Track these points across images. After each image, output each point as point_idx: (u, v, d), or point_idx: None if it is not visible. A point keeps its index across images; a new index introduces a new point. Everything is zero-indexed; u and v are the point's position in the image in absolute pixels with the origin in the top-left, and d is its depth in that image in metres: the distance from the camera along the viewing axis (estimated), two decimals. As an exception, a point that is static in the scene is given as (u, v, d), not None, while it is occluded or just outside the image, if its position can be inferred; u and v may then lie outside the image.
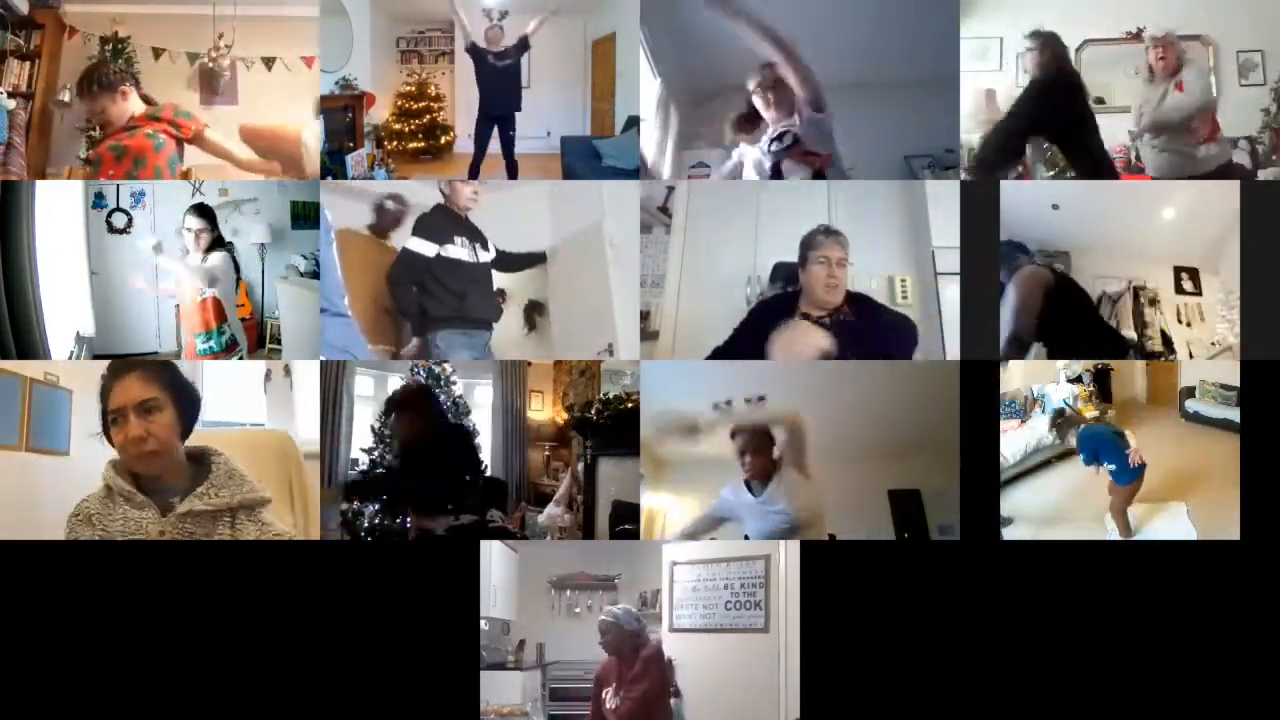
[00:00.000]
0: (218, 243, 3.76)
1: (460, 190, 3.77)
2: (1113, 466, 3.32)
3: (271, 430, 3.79)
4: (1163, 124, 3.53)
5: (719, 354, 3.04)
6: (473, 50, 4.43)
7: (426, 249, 3.68)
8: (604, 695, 3.16)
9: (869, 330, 2.99)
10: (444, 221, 3.75)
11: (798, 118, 3.30)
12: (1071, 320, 3.55)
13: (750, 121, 3.42)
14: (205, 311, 3.73)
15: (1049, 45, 3.48)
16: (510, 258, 4.10)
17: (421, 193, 3.93)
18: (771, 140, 3.34)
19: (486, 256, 3.85)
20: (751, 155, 3.42)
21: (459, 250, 3.73)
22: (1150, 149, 3.62)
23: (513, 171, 4.27)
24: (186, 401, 2.33)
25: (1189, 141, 3.51)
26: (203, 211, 3.67)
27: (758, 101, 3.38)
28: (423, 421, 3.47)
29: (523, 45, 4.42)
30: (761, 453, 3.15)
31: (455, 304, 3.68)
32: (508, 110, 4.34)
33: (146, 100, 3.33)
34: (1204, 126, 3.51)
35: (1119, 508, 3.30)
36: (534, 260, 4.24)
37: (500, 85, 4.38)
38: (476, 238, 3.81)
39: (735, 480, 3.24)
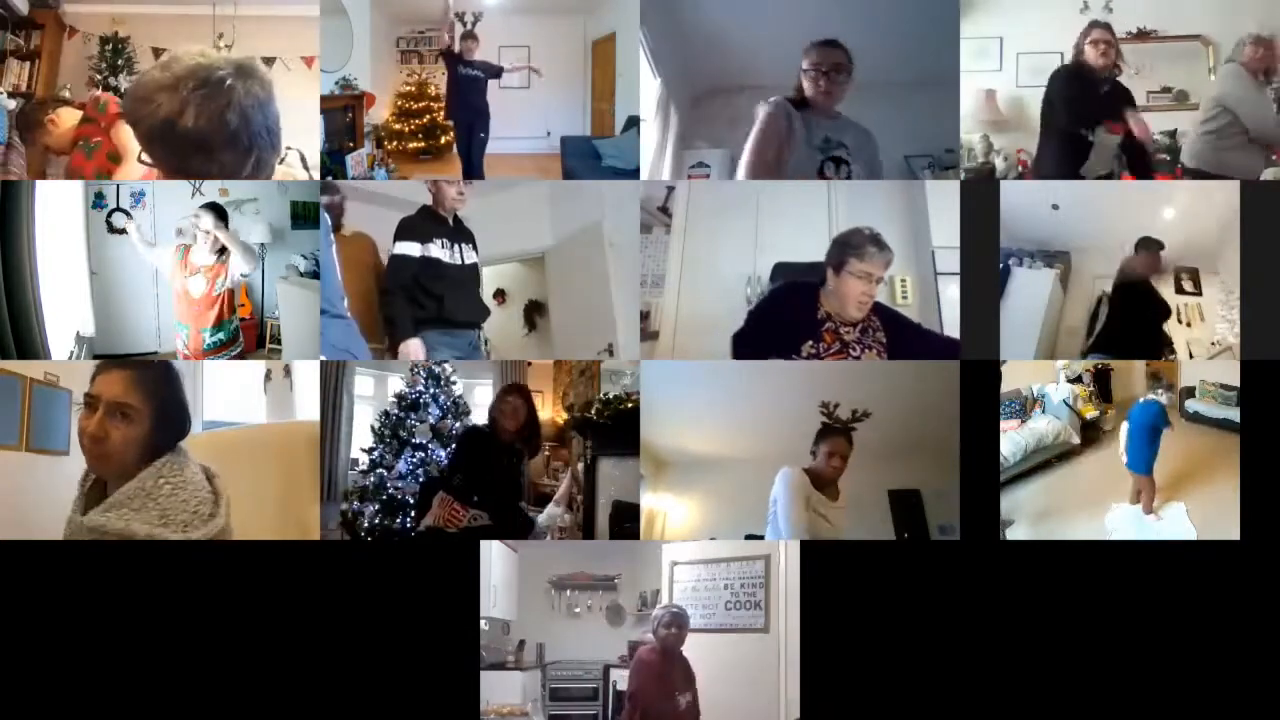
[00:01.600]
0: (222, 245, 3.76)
1: (445, 191, 3.69)
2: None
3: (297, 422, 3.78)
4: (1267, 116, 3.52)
5: (736, 343, 2.91)
6: (448, 54, 4.43)
7: (412, 249, 3.62)
8: (678, 697, 3.06)
9: (915, 350, 2.95)
10: (426, 223, 3.67)
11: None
12: (1137, 323, 3.65)
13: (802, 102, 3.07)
14: (220, 305, 3.71)
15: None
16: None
17: (398, 187, 3.91)
18: (828, 159, 3.05)
19: (474, 257, 3.79)
20: (799, 135, 3.05)
21: (439, 251, 3.66)
22: (1221, 140, 3.58)
23: (477, 173, 4.24)
24: (167, 422, 2.10)
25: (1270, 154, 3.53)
26: (218, 213, 3.67)
27: (806, 82, 3.04)
28: (526, 412, 3.40)
29: (494, 71, 4.40)
30: (846, 460, 3.04)
31: (434, 306, 3.63)
32: (470, 119, 4.32)
33: (81, 107, 3.37)
34: None
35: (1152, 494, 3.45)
36: None
37: (467, 95, 4.36)
38: (461, 238, 3.73)
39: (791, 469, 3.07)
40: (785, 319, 2.89)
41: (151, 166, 1.90)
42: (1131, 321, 3.66)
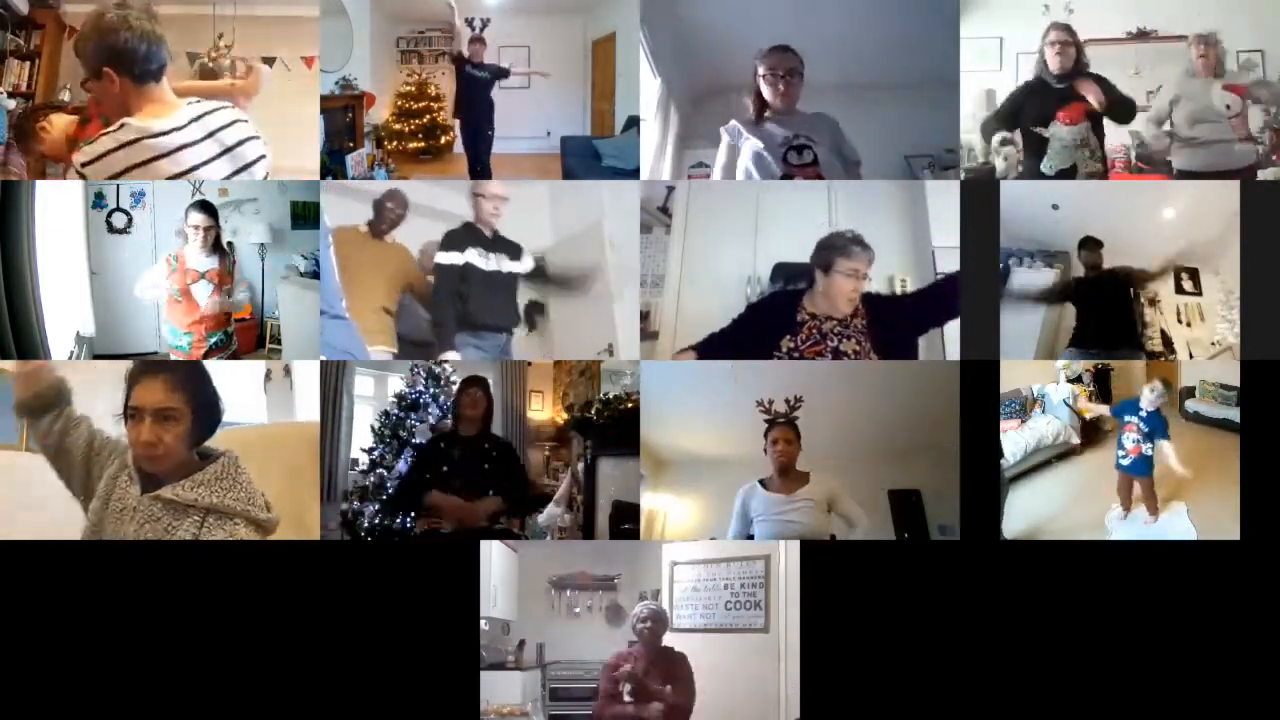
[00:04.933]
0: (217, 241, 3.75)
1: (483, 207, 3.78)
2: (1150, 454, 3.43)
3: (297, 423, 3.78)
4: (1209, 113, 3.54)
5: (713, 340, 3.02)
6: (457, 58, 4.46)
7: (453, 259, 3.70)
8: (621, 688, 3.14)
9: (905, 315, 3.02)
10: (466, 235, 3.76)
11: (838, 160, 3.29)
12: (1105, 314, 3.67)
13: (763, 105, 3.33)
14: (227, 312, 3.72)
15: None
16: (559, 277, 4.07)
17: (421, 192, 3.92)
18: (790, 149, 3.26)
19: (513, 267, 3.85)
20: (753, 147, 3.31)
21: (475, 258, 3.73)
22: (1184, 142, 3.61)
23: (485, 173, 4.25)
24: (206, 413, 2.31)
25: (1229, 135, 3.53)
26: (206, 208, 3.67)
27: (765, 87, 3.28)
28: (486, 402, 3.49)
29: (500, 72, 4.42)
30: (793, 444, 3.15)
31: (463, 310, 3.68)
32: (477, 124, 4.34)
33: (76, 111, 3.37)
34: (1242, 127, 3.53)
35: (1152, 494, 3.43)
36: (584, 281, 4.13)
37: (474, 97, 4.37)
38: (501, 249, 3.79)
39: (747, 483, 3.23)
40: (764, 324, 2.99)
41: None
42: (1097, 309, 3.68)
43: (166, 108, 2.59)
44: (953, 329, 3.25)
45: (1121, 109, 3.51)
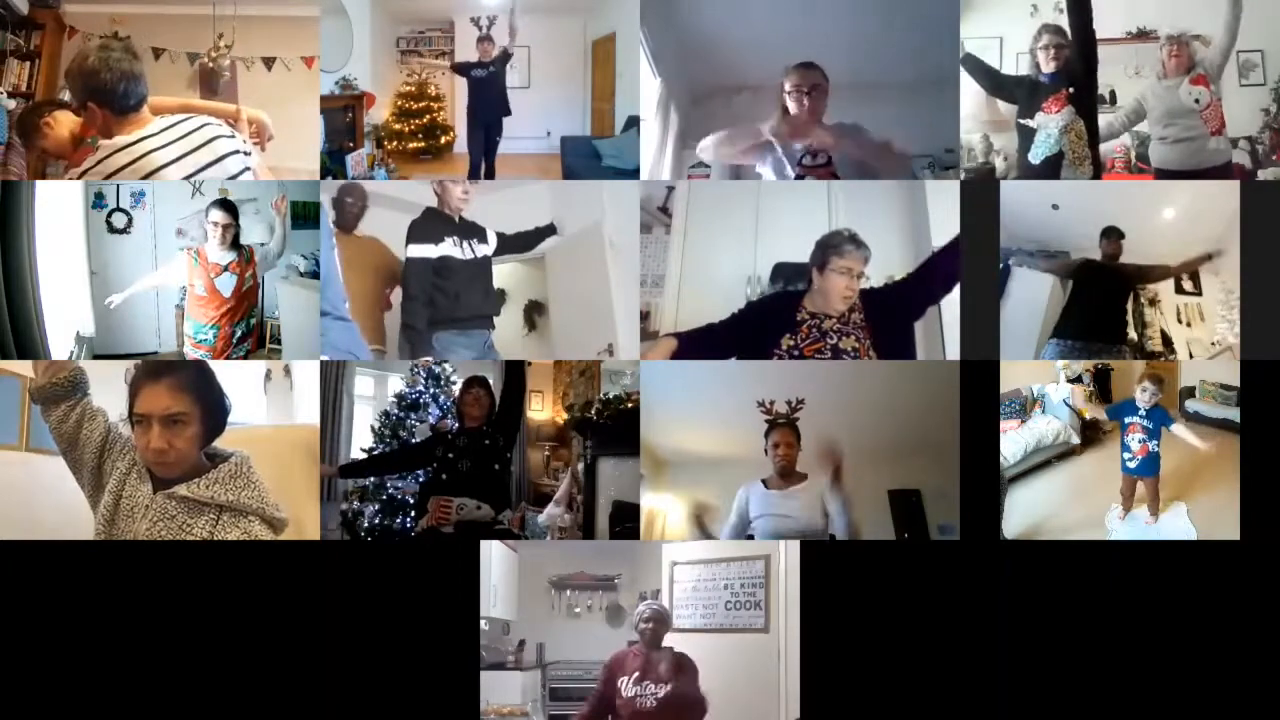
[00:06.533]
0: (236, 239, 3.77)
1: (451, 191, 3.76)
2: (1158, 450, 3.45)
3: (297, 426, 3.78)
4: (1177, 111, 3.53)
5: (710, 331, 3.02)
6: (459, 68, 4.46)
7: (427, 251, 3.68)
8: (620, 682, 3.13)
9: (901, 299, 3.00)
10: (436, 224, 3.74)
11: (857, 148, 3.30)
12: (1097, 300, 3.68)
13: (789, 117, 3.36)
14: (250, 297, 3.75)
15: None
16: (517, 239, 4.06)
17: (415, 191, 3.92)
18: (805, 154, 3.31)
19: (485, 250, 3.84)
20: (773, 154, 3.37)
21: (452, 249, 3.72)
22: (1159, 142, 3.61)
23: (490, 173, 4.25)
24: (213, 413, 2.26)
25: (1200, 131, 3.51)
26: (227, 206, 3.69)
27: (790, 101, 3.30)
28: (489, 400, 3.50)
29: (504, 56, 4.42)
30: (794, 447, 3.15)
31: (450, 305, 3.68)
32: (496, 118, 4.34)
33: (78, 111, 3.39)
34: (1214, 119, 3.52)
35: (1156, 495, 3.44)
36: (543, 234, 4.13)
37: (486, 94, 4.38)
38: (471, 234, 3.79)
39: (749, 482, 3.22)
40: (764, 322, 2.99)
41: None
42: (1090, 299, 3.69)
43: (143, 123, 2.73)
44: (953, 330, 3.25)
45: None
